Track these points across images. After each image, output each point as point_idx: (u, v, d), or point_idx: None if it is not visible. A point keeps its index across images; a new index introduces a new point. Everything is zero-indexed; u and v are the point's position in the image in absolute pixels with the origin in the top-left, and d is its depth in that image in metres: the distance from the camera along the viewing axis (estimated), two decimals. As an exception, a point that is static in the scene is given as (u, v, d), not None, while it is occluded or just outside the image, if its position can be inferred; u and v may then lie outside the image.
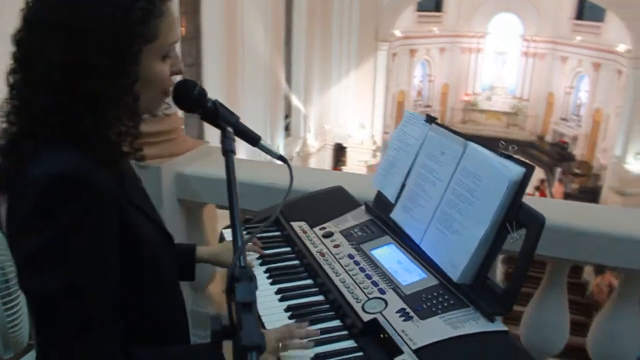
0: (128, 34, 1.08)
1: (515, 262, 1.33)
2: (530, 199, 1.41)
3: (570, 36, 22.12)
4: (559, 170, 20.11)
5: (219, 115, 1.27)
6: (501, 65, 24.79)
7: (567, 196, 18.21)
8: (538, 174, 20.77)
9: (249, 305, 0.91)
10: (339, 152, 20.49)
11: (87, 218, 1.05)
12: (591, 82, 21.54)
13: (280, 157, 1.40)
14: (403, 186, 1.79)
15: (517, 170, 1.35)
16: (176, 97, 1.26)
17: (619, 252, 2.14)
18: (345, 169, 19.65)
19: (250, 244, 1.84)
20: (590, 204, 2.41)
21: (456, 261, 1.44)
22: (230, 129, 1.25)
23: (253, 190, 2.54)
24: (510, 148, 1.44)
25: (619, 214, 2.38)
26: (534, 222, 1.30)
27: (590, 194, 18.47)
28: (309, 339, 1.37)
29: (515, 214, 1.34)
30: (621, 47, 18.46)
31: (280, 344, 1.34)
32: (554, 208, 2.29)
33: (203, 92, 1.27)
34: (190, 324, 3.08)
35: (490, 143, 1.53)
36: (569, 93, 22.93)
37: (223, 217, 3.31)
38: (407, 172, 1.79)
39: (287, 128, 17.09)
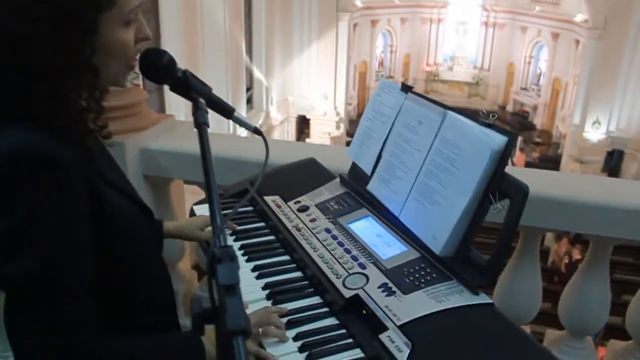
0: (79, 2, 1.00)
1: (499, 232, 1.31)
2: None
3: (529, 6, 22.27)
4: (520, 139, 20.42)
5: (191, 86, 1.19)
6: (462, 36, 24.86)
7: (529, 165, 18.52)
8: (499, 143, 21.00)
9: (233, 288, 0.85)
10: (302, 124, 20.35)
11: (55, 196, 0.98)
12: (550, 52, 21.80)
13: (256, 130, 1.33)
14: (379, 157, 1.75)
15: (499, 139, 1.32)
16: (143, 68, 1.18)
17: (589, 220, 2.16)
18: (309, 141, 19.57)
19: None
20: (560, 173, 2.43)
21: (438, 233, 1.41)
22: (202, 101, 1.18)
23: (220, 164, 2.43)
24: (490, 116, 1.41)
25: (588, 181, 2.39)
26: (517, 192, 1.27)
27: (551, 162, 18.84)
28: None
29: (498, 184, 1.32)
30: (579, 17, 18.69)
31: (260, 330, 1.30)
32: (525, 177, 2.29)
33: (172, 61, 1.19)
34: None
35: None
36: (528, 63, 23.19)
37: (191, 192, 3.23)
38: (383, 142, 1.74)
39: (249, 101, 16.84)
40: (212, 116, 1.23)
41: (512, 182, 1.29)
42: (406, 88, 1.73)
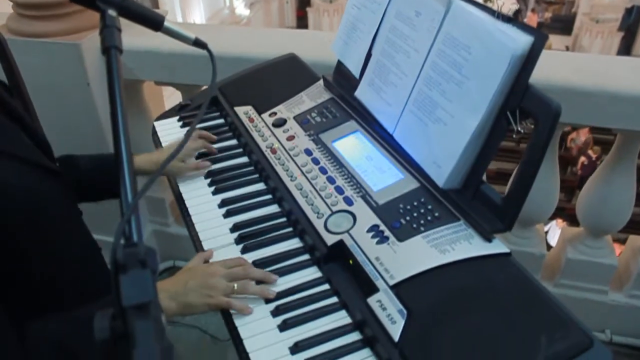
0: None
1: (521, 162, 1.02)
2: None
3: None
4: (531, -2, 19.31)
5: None
6: None
7: (540, 25, 17.66)
8: (511, 4, 19.97)
9: (145, 308, 0.59)
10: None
11: None
12: None
13: (197, 42, 1.00)
14: (369, 56, 1.42)
15: (523, 41, 0.99)
16: None
17: (618, 112, 1.85)
18: (310, 10, 18.61)
19: (199, 139, 1.50)
20: (584, 55, 2.07)
21: (441, 160, 1.13)
22: (112, 12, 0.85)
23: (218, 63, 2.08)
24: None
25: (615, 64, 2.04)
26: (545, 112, 0.96)
27: (564, 23, 17.93)
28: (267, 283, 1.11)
29: (519, 100, 1.01)
30: None
31: (235, 285, 1.06)
32: (543, 60, 1.95)
33: None
34: (147, 211, 2.81)
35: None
36: None
37: (168, 93, 2.92)
38: (373, 37, 1.41)
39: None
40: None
41: (539, 98, 0.97)
42: (400, -34, 1.35)
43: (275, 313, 1.04)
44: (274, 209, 1.30)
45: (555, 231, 6.52)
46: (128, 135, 0.74)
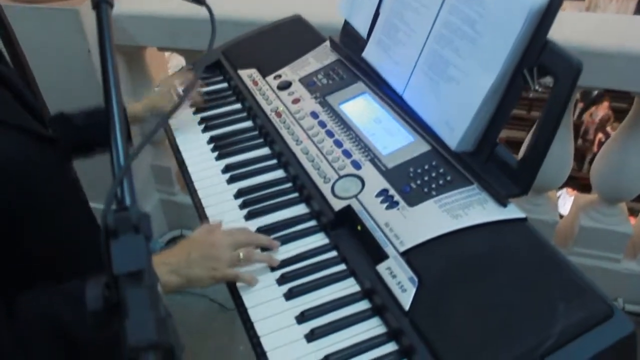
0: None
1: (539, 122, 0.97)
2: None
3: None
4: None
5: None
6: None
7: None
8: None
9: (138, 276, 0.55)
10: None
11: None
12: None
13: (196, -1, 0.94)
14: (377, 15, 1.36)
15: (541, -8, 0.93)
16: None
17: (638, 75, 1.78)
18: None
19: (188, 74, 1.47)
20: (603, 15, 1.99)
21: (454, 121, 1.07)
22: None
23: (219, 27, 2.04)
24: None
25: (637, 25, 1.95)
26: (565, 69, 0.90)
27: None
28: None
29: (537, 57, 0.95)
30: None
31: (240, 254, 1.02)
32: (560, 21, 1.86)
33: None
34: (154, 180, 2.78)
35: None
36: None
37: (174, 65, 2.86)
38: (382, -6, 1.34)
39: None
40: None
41: (558, 54, 0.91)
42: None
43: (281, 281, 1.01)
44: (279, 174, 1.26)
45: (566, 199, 6.43)
46: (120, 94, 0.69)
